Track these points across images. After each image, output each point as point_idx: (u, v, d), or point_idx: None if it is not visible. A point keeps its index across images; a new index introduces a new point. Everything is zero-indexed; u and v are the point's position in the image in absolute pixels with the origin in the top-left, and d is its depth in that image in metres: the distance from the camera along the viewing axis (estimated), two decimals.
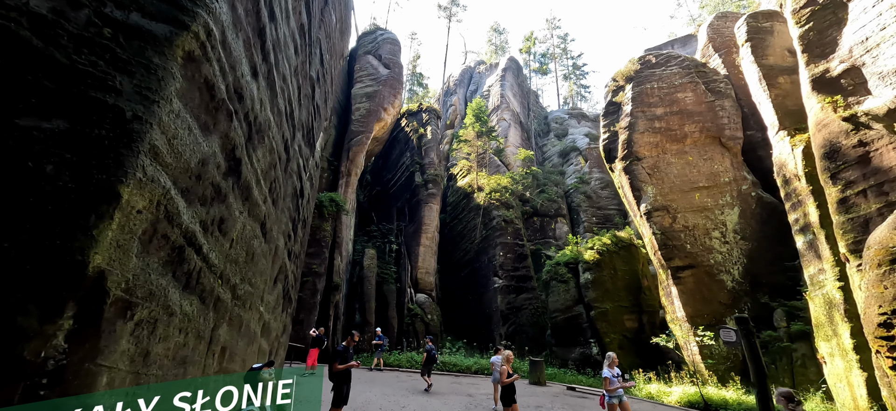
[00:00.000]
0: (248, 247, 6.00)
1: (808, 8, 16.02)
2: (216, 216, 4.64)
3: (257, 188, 6.29)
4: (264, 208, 6.75)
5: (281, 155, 7.92)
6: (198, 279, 4.20)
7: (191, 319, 4.04)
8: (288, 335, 9.82)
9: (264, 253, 6.98)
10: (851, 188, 13.28)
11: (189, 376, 3.99)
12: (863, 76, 14.28)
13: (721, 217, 22.37)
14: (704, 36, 25.89)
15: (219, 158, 4.57)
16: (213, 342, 4.64)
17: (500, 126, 40.64)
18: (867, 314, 11.50)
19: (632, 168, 22.79)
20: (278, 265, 8.21)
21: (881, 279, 11.39)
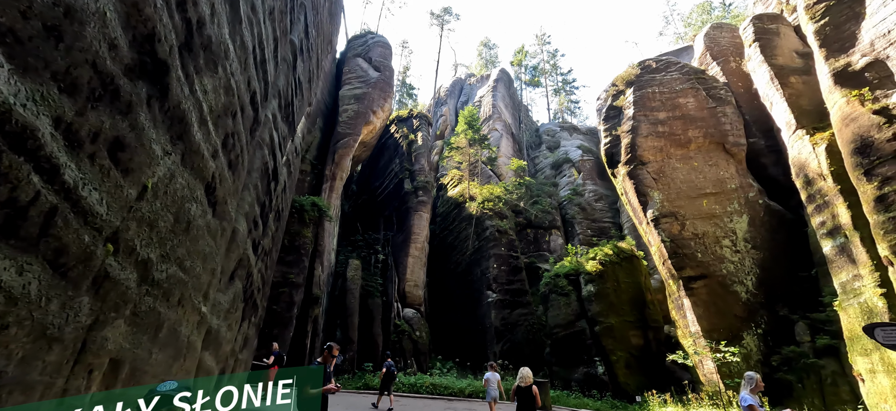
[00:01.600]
0: (181, 212, 4.05)
1: (823, 3, 15.25)
2: (106, 131, 2.74)
3: (201, 130, 4.40)
4: (214, 165, 4.83)
5: (245, 107, 6.03)
6: (46, 226, 2.27)
7: (19, 300, 2.09)
8: (251, 350, 7.69)
9: (213, 230, 5.00)
10: (890, 184, 12.08)
11: (12, 404, 2.06)
12: (888, 69, 13.35)
13: (730, 225, 21.20)
14: (701, 45, 25.36)
15: (116, 31, 2.71)
16: (86, 349, 2.68)
17: (492, 136, 39.43)
18: None
19: (636, 172, 21.55)
20: (237, 256, 6.21)
21: None
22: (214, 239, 5.03)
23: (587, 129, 45.25)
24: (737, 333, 18.30)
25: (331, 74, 31.12)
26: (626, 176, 22.11)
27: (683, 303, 20.48)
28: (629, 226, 35.25)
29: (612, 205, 39.05)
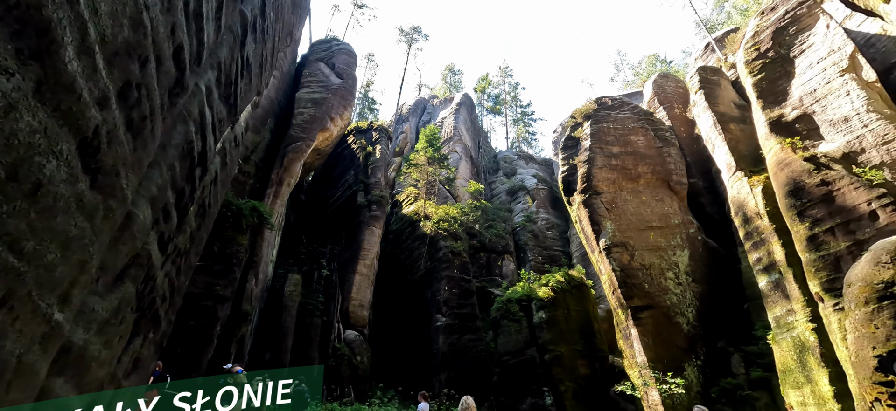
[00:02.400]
0: (24, 167, 2.74)
1: (759, 60, 16.71)
2: None
3: (81, 60, 3.12)
4: (100, 117, 3.51)
5: (163, 59, 4.73)
6: None
7: None
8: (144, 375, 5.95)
9: (88, 207, 3.62)
10: (819, 225, 12.97)
11: None
12: (815, 122, 14.67)
13: (673, 258, 22.12)
14: (650, 90, 27.13)
15: None
16: None
17: (451, 157, 39.19)
18: (860, 357, 10.59)
19: (591, 201, 21.99)
20: (130, 249, 4.74)
21: (870, 318, 10.64)
22: (90, 219, 3.63)
23: (542, 160, 46.68)
24: (679, 364, 18.72)
25: (289, 74, 29.29)
26: (582, 204, 22.50)
27: (631, 332, 20.74)
28: (578, 255, 36.18)
29: (562, 233, 40.01)
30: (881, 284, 10.64)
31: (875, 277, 10.80)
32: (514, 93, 52.83)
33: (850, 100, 13.39)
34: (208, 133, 7.68)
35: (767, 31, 16.03)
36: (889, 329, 10.20)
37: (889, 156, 12.39)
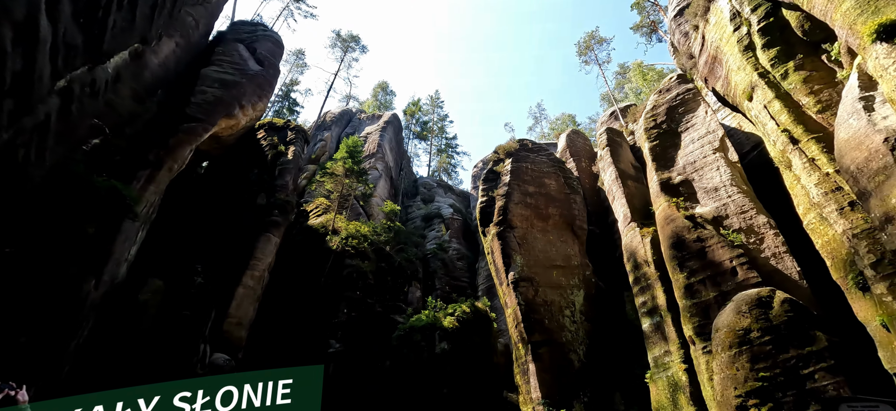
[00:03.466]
0: None
1: (655, 129, 19.16)
2: None
3: None
4: None
5: None
6: None
7: None
8: None
9: None
10: (695, 276, 14.65)
11: None
12: (693, 188, 16.99)
13: (571, 296, 23.46)
14: (564, 142, 29.61)
15: None
16: None
17: (371, 173, 37.54)
18: (724, 396, 11.78)
19: (505, 234, 22.43)
20: None
21: (733, 360, 11.99)
22: None
23: (460, 191, 47.60)
24: (569, 401, 19.39)
25: (198, 47, 25.21)
26: (496, 236, 22.83)
27: (529, 367, 21.04)
28: (484, 288, 36.76)
29: (471, 265, 40.43)
30: (741, 331, 12.18)
31: (737, 324, 12.36)
32: (442, 123, 53.95)
33: (719, 173, 15.95)
34: (41, 54, 5.45)
35: (663, 106, 18.69)
36: (746, 371, 11.61)
37: (745, 222, 14.81)
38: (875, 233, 10.73)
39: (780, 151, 13.65)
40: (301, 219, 33.66)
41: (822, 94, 12.63)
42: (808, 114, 12.83)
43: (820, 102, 12.59)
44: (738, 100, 15.35)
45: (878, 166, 9.23)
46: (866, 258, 11.04)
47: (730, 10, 15.51)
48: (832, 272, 12.47)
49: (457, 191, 46.58)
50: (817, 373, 10.96)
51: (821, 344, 11.34)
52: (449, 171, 53.01)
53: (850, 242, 11.51)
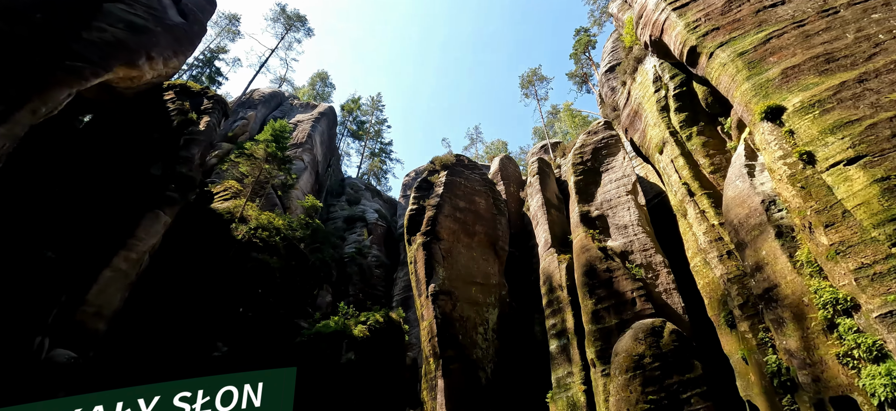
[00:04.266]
0: None
1: (581, 166, 20.69)
2: None
3: None
4: None
5: None
6: None
7: None
8: None
9: None
10: (602, 303, 15.76)
11: None
12: (607, 223, 18.55)
13: (486, 314, 23.80)
14: (496, 165, 30.69)
15: None
16: None
17: (296, 164, 34.66)
18: None
19: (431, 245, 22.07)
20: None
21: (628, 383, 12.93)
22: None
23: (388, 198, 46.44)
24: None
25: None
26: (422, 245, 22.36)
27: (438, 383, 20.61)
28: (400, 299, 35.82)
29: (389, 274, 39.21)
30: (637, 356, 13.26)
31: (634, 350, 13.44)
32: (380, 126, 52.52)
33: (630, 213, 17.73)
34: None
35: (590, 146, 20.44)
36: (638, 393, 12.59)
37: (646, 259, 16.52)
38: (745, 279, 12.60)
39: (679, 201, 15.64)
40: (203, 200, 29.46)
41: (715, 158, 14.89)
42: (704, 173, 14.99)
43: (713, 165, 14.80)
44: (651, 151, 17.38)
45: (755, 222, 10.89)
46: (736, 299, 12.88)
47: (653, 73, 17.76)
48: (708, 310, 14.35)
49: (385, 197, 45.36)
50: (693, 398, 12.31)
51: (697, 371, 12.82)
52: (379, 176, 51.57)
53: (725, 285, 13.38)
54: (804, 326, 9.48)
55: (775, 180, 10.05)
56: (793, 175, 9.44)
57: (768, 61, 10.41)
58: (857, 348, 8.30)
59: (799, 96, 9.68)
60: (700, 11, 12.21)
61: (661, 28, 13.35)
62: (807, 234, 9.35)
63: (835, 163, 8.76)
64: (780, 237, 10.06)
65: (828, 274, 8.98)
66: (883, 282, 7.98)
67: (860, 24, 9.73)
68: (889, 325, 7.77)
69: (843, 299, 8.54)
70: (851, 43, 9.55)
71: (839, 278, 8.68)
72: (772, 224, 10.30)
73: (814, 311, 9.15)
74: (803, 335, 9.53)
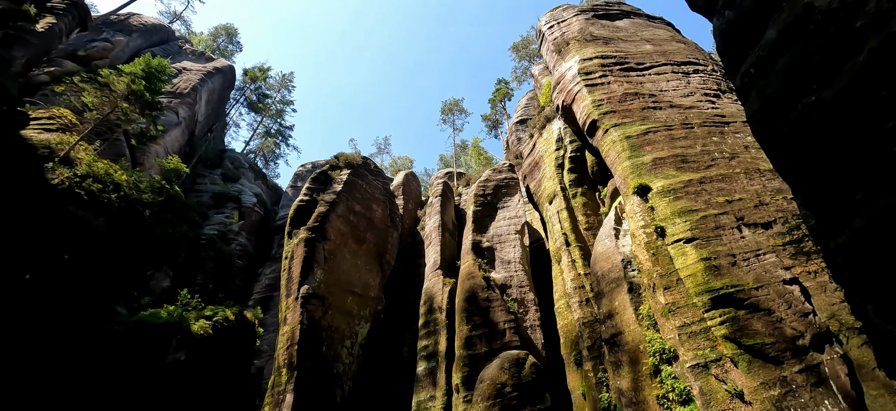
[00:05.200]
0: None
1: (482, 198, 21.65)
2: None
3: None
4: None
5: None
6: None
7: None
8: None
9: None
10: (476, 330, 16.12)
11: None
12: (495, 256, 19.50)
13: (357, 327, 22.25)
14: (401, 179, 30.29)
15: None
16: None
17: (167, 115, 28.53)
18: None
19: (315, 242, 19.96)
20: None
21: (488, 410, 13.15)
22: None
23: (273, 184, 41.52)
24: None
25: None
26: (304, 241, 20.07)
27: (287, 397, 18.08)
28: (259, 299, 31.39)
29: (252, 268, 34.28)
30: (500, 384, 13.67)
31: (498, 378, 13.85)
32: (284, 107, 47.27)
33: (515, 251, 18.99)
34: None
35: (493, 182, 21.65)
36: None
37: (521, 295, 17.71)
38: (596, 325, 14.31)
39: (556, 248, 17.40)
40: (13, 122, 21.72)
41: (590, 218, 17.16)
42: (580, 228, 17.08)
43: (588, 223, 17.01)
44: (543, 200, 19.21)
45: (614, 276, 12.56)
46: (586, 341, 14.49)
47: (558, 134, 20.03)
48: (563, 348, 15.84)
49: (270, 183, 40.42)
50: None
51: (547, 403, 13.80)
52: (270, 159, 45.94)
53: (579, 327, 15.00)
54: (637, 369, 10.99)
55: (635, 244, 11.80)
56: (648, 243, 11.20)
57: (645, 149, 12.57)
58: (672, 391, 9.87)
59: (661, 182, 11.75)
60: (604, 94, 14.33)
61: (574, 97, 15.23)
62: (650, 293, 11.06)
63: (678, 240, 10.67)
64: (631, 292, 11.73)
65: (660, 328, 10.67)
66: (696, 340, 9.76)
67: (705, 141, 12.55)
68: (696, 374, 9.46)
69: (668, 350, 10.18)
70: (699, 153, 12.18)
71: (668, 332, 10.36)
72: (626, 280, 11.99)
73: (646, 357, 10.70)
74: (635, 377, 11.02)
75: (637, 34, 17.07)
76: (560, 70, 16.39)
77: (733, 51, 7.22)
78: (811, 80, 5.72)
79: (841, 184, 5.52)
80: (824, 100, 5.53)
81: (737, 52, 7.15)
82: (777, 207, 11.17)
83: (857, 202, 5.31)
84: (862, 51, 5.07)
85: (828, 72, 5.56)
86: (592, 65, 15.30)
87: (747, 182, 11.61)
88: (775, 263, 10.12)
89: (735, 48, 7.17)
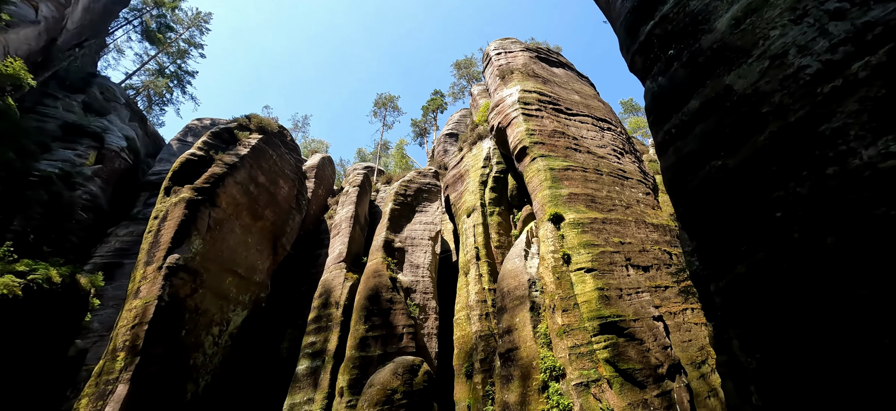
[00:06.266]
0: None
1: (402, 198, 20.95)
2: None
3: None
4: None
5: None
6: None
7: None
8: None
9: None
10: (374, 331, 15.14)
11: None
12: (405, 257, 18.87)
13: (231, 314, 19.12)
14: (316, 161, 27.78)
15: None
16: None
17: (22, 9, 21.51)
18: None
19: (200, 206, 16.70)
20: None
21: None
22: None
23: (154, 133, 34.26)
24: None
25: None
26: (186, 202, 16.64)
27: (117, 389, 14.38)
28: (103, 264, 24.99)
29: (101, 225, 27.26)
30: (390, 390, 12.84)
31: (390, 384, 13.01)
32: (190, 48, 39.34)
33: (426, 256, 18.57)
34: None
35: (416, 184, 21.04)
36: None
37: (424, 301, 17.24)
38: (491, 339, 14.59)
39: (466, 260, 17.54)
40: None
41: (502, 237, 17.78)
42: (492, 246, 17.53)
43: (499, 242, 17.58)
44: (461, 212, 19.32)
45: (519, 294, 13.02)
46: (480, 354, 14.65)
47: (487, 153, 20.55)
48: (456, 359, 15.77)
49: (150, 131, 33.26)
50: None
51: None
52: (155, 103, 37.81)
53: (476, 340, 15.14)
54: (526, 384, 11.36)
55: (543, 267, 12.43)
56: (555, 266, 11.89)
57: (563, 183, 13.56)
58: (557, 407, 10.38)
59: (573, 215, 12.70)
60: (537, 126, 15.24)
61: (510, 121, 15.84)
62: (550, 313, 11.66)
63: (580, 268, 11.54)
64: (532, 310, 12.24)
65: (554, 347, 11.26)
66: (582, 360, 10.50)
67: (610, 188, 14.11)
68: (578, 392, 10.11)
69: (559, 367, 10.75)
70: (604, 196, 13.59)
71: (560, 351, 10.96)
72: (530, 299, 12.50)
73: (537, 374, 11.13)
74: (523, 391, 11.36)
75: (569, 84, 18.85)
76: (501, 94, 17.00)
77: (660, 111, 8.17)
78: (721, 148, 6.71)
79: (730, 236, 6.46)
80: (729, 165, 6.51)
81: (663, 112, 8.10)
82: (654, 255, 12.95)
83: (742, 252, 6.25)
84: (764, 132, 6.09)
85: (735, 143, 6.54)
86: (531, 97, 16.23)
87: (636, 229, 13.28)
88: (649, 301, 11.59)
89: (662, 109, 8.11)
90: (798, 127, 5.61)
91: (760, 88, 6.29)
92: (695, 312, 12.53)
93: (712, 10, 7.29)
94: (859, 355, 4.14)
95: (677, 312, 11.92)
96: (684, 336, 11.65)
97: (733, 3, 7.06)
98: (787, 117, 5.80)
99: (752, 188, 6.16)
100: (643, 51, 8.85)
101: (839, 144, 5.11)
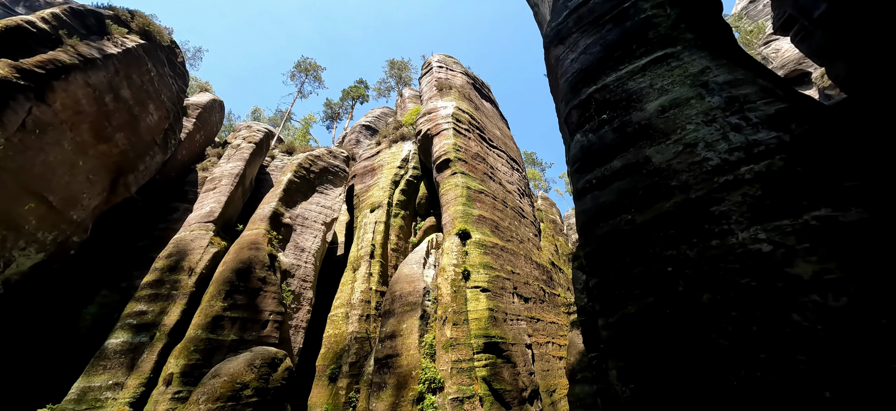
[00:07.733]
0: None
1: (304, 172, 18.31)
2: None
3: None
4: None
5: None
6: None
7: None
8: None
9: None
10: (234, 311, 12.43)
11: None
12: (291, 237, 16.34)
13: (18, 253, 13.41)
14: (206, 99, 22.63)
15: None
16: None
17: None
18: None
19: (17, 93, 11.46)
20: None
21: None
22: None
23: None
24: None
25: None
26: None
27: None
28: None
29: None
30: (240, 384, 10.38)
31: (241, 377, 10.53)
32: None
33: (314, 241, 16.27)
34: None
35: (324, 163, 18.53)
36: None
37: (300, 289, 14.89)
38: (367, 342, 13.38)
39: (359, 255, 16.00)
40: None
41: (400, 242, 16.86)
42: (390, 247, 16.44)
43: (396, 246, 16.61)
44: (364, 205, 17.76)
45: (412, 300, 12.31)
46: (352, 356, 13.25)
47: (406, 154, 19.57)
48: (321, 359, 13.92)
49: None
50: None
51: None
52: None
53: (350, 341, 13.67)
54: (401, 394, 10.53)
55: (442, 278, 12.08)
56: (455, 280, 11.66)
57: (476, 204, 13.71)
58: None
59: (479, 235, 12.84)
60: (464, 144, 15.27)
61: (440, 131, 15.51)
62: (439, 325, 11.25)
63: (476, 286, 11.56)
64: (422, 319, 11.64)
65: (437, 359, 10.80)
66: (462, 375, 10.28)
67: (512, 221, 14.86)
68: (454, 407, 9.76)
69: (439, 380, 10.28)
70: (506, 227, 14.21)
71: (443, 364, 10.55)
72: (422, 307, 11.91)
73: (415, 384, 10.44)
74: (396, 401, 10.49)
75: (493, 119, 19.78)
76: (436, 104, 16.68)
77: (586, 161, 8.91)
78: (633, 205, 7.55)
79: (627, 279, 7.16)
80: (636, 221, 7.33)
81: (588, 163, 8.85)
82: (534, 289, 13.93)
83: (635, 295, 6.95)
84: (669, 200, 7.06)
85: (645, 204, 7.42)
86: (464, 117, 16.34)
87: (524, 263, 14.15)
88: (524, 329, 12.23)
89: (588, 161, 8.86)
90: (696, 203, 6.57)
91: (673, 165, 7.30)
92: (554, 346, 13.79)
93: (645, 94, 8.35)
94: (716, 391, 4.74)
95: (543, 344, 12.90)
96: (545, 366, 12.60)
97: (662, 94, 8.20)
98: (690, 193, 6.80)
99: (652, 243, 6.97)
100: (581, 107, 9.65)
101: (723, 224, 6.09)
